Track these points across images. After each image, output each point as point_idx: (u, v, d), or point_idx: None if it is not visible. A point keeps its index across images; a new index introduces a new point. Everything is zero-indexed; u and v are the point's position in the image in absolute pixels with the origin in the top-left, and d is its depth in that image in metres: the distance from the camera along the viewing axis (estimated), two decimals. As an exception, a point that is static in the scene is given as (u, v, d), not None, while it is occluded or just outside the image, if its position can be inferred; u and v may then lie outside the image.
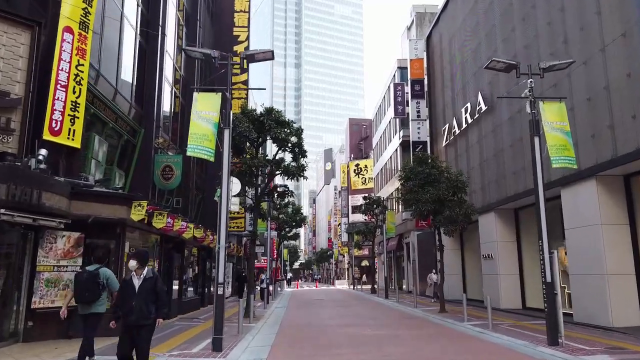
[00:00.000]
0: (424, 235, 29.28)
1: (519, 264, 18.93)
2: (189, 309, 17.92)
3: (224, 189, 9.64)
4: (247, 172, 16.44)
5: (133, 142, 15.52)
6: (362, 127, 74.19)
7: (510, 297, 18.63)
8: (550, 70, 10.84)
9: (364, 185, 67.98)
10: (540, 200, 10.13)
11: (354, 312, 19.00)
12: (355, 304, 24.45)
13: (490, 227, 19.52)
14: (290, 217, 35.63)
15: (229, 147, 9.96)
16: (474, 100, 21.48)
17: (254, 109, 17.29)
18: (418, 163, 18.36)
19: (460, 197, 17.96)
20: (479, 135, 21.13)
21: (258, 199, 17.13)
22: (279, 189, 17.86)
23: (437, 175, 17.77)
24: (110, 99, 13.32)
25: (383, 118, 43.88)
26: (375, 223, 35.39)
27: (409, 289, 34.41)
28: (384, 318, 16.46)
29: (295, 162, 16.97)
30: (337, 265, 77.53)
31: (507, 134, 18.29)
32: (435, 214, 17.61)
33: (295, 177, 16.77)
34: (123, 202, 11.12)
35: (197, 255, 20.48)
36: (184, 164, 19.50)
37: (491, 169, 19.83)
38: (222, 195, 9.59)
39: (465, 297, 14.78)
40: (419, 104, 28.96)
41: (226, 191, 9.64)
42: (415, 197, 17.59)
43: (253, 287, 16.57)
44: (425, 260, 29.32)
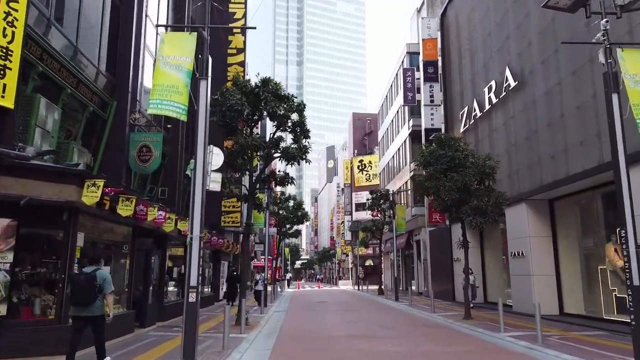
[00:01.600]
0: (438, 232, 26.71)
1: (555, 263, 16.35)
2: (172, 314, 15.38)
3: (199, 159, 7.12)
4: (240, 154, 13.92)
5: (103, 117, 13.01)
6: (366, 122, 71.66)
7: (545, 302, 15.99)
8: (631, 8, 8.25)
9: (368, 182, 65.42)
10: (622, 174, 7.56)
11: (364, 318, 16.45)
12: (362, 307, 21.89)
13: (520, 221, 16.93)
14: (291, 212, 33.05)
15: (206, 103, 7.42)
16: (499, 78, 18.90)
17: (248, 79, 14.74)
18: (439, 145, 15.78)
19: (489, 185, 15.41)
20: (506, 117, 18.55)
21: (253, 186, 14.60)
22: (278, 174, 15.27)
23: (462, 160, 15.20)
24: (67, 57, 10.79)
25: (390, 109, 41.31)
26: (383, 219, 32.84)
27: (420, 291, 31.86)
28: (400, 326, 13.91)
29: (296, 143, 14.44)
30: (339, 264, 74.94)
31: (543, 112, 15.71)
32: (459, 204, 15.04)
33: (297, 160, 14.23)
34: (72, 180, 8.59)
35: (185, 253, 17.94)
36: (169, 146, 17.00)
37: (522, 153, 17.25)
38: (197, 167, 7.07)
39: (501, 302, 12.21)
40: (432, 87, 26.40)
41: (202, 162, 7.11)
42: (437, 184, 15.01)
43: (246, 289, 14.01)
44: (439, 259, 26.76)
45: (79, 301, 6.87)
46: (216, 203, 25.09)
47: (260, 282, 18.09)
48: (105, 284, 7.04)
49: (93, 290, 6.87)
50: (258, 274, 19.46)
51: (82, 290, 6.84)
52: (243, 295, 13.66)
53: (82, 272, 7.14)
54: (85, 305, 6.85)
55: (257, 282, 18.42)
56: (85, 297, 6.83)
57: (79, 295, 6.85)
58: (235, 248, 27.68)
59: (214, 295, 23.56)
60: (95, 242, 10.66)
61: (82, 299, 6.84)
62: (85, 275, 6.98)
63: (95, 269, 7.13)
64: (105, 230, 11.07)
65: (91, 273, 7.00)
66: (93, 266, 7.22)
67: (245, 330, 12.29)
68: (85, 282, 6.88)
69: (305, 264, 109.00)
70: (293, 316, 17.55)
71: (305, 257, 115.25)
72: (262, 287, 18.02)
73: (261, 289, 17.96)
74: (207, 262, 23.46)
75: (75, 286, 6.94)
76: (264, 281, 17.97)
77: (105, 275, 7.12)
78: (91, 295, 6.85)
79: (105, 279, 7.08)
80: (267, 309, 20.20)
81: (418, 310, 18.95)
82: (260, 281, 18.09)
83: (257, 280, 18.45)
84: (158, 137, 13.77)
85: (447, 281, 25.04)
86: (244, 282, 13.89)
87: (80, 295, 6.84)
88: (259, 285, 18.20)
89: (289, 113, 14.27)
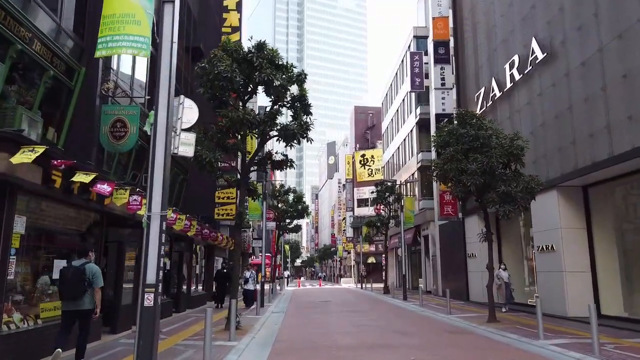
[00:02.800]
0: (449, 226, 24.72)
1: (590, 258, 14.38)
2: (154, 317, 13.39)
3: (160, 109, 5.15)
4: (232, 131, 11.94)
5: (69, 85, 11.04)
6: (369, 115, 69.69)
7: (580, 302, 14.06)
8: None
9: (370, 177, 63.53)
10: None
11: (373, 321, 14.49)
12: (369, 308, 19.92)
13: (550, 210, 14.96)
14: (290, 206, 31.10)
15: (172, 33, 5.44)
16: (523, 52, 16.91)
17: (240, 43, 12.74)
18: (460, 123, 13.79)
19: (516, 169, 13.43)
20: (531, 95, 16.55)
21: (246, 168, 12.62)
22: (275, 156, 13.25)
23: (487, 139, 13.22)
24: (15, 4, 8.81)
25: (395, 98, 39.31)
26: (389, 213, 30.86)
27: (427, 289, 29.90)
28: (418, 332, 11.93)
29: (295, 120, 12.47)
30: (341, 262, 73.00)
31: (579, 85, 13.71)
32: (484, 190, 13.07)
33: (297, 138, 12.25)
34: (3, 146, 6.60)
35: (170, 247, 15.99)
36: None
37: (551, 135, 15.26)
38: (157, 121, 5.11)
39: (539, 303, 10.22)
40: (443, 70, 24.40)
41: (165, 114, 5.14)
42: (458, 167, 13.01)
43: (237, 288, 12.03)
44: (450, 255, 24.79)
45: (67, 295, 6.78)
46: (209, 194, 23.14)
47: (251, 281, 15.97)
48: (95, 279, 6.95)
49: (81, 284, 6.76)
50: (248, 270, 17.45)
51: (70, 284, 6.75)
52: (234, 295, 11.71)
53: (70, 266, 6.98)
54: (74, 299, 6.74)
55: (247, 281, 16.24)
56: (73, 291, 6.73)
57: (67, 289, 6.77)
58: (230, 243, 25.73)
59: (207, 294, 21.60)
60: (50, 231, 8.70)
61: (70, 293, 6.74)
62: (74, 269, 6.86)
63: (84, 262, 7.03)
64: (62, 217, 9.09)
65: (80, 267, 6.89)
66: (82, 259, 7.11)
67: (235, 336, 10.34)
68: (74, 276, 6.77)
69: (305, 262, 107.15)
70: (293, 318, 15.59)
71: (306, 254, 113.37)
72: (252, 286, 15.90)
73: (252, 288, 15.82)
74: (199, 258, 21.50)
75: (63, 280, 6.84)
76: (255, 279, 15.85)
77: (94, 270, 7.02)
78: (79, 289, 6.74)
79: (95, 273, 6.98)
80: (264, 309, 18.26)
81: (432, 312, 16.99)
82: (251, 279, 15.97)
83: (247, 279, 16.27)
84: (135, 109, 11.78)
85: (460, 279, 23.09)
86: (235, 281, 11.92)
87: (68, 289, 6.76)
88: (249, 284, 16.06)
89: (288, 84, 12.28)
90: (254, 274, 16.21)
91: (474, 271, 21.54)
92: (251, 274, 16.17)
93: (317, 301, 24.00)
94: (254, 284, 16.00)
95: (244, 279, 16.42)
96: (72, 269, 6.89)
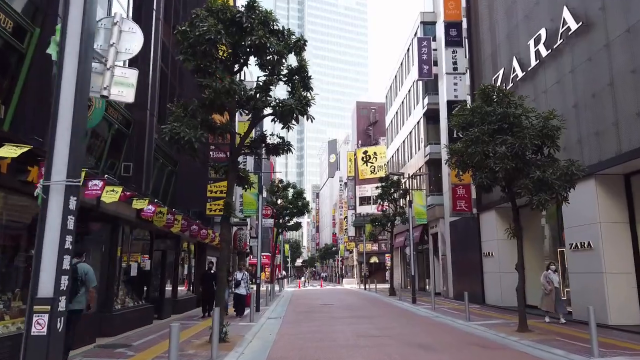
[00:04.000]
0: (462, 223, 22.78)
1: (634, 258, 12.45)
2: (127, 326, 11.47)
3: (70, 24, 3.21)
4: (216, 105, 10.01)
5: (19, 49, 9.15)
6: (371, 111, 67.82)
7: (623, 308, 12.16)
8: None
9: (372, 174, 61.69)
10: None
11: (384, 330, 12.55)
12: (377, 312, 17.98)
13: (587, 202, 13.00)
14: (290, 202, 29.16)
15: None
16: (551, 25, 14.98)
17: (227, 2, 10.80)
18: (485, 100, 11.84)
19: (549, 153, 11.50)
20: (561, 73, 14.61)
21: (236, 150, 10.70)
22: (270, 138, 11.31)
23: (517, 118, 11.29)
24: None
25: (400, 89, 37.37)
26: (395, 210, 28.91)
27: (436, 291, 27.94)
28: (440, 345, 9.98)
29: (293, 93, 10.54)
30: (342, 262, 71.06)
31: (623, 57, 11.77)
32: (514, 177, 11.13)
33: (295, 115, 10.31)
34: None
35: (151, 245, 14.07)
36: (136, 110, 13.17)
37: (586, 117, 13.31)
38: (66, 38, 3.17)
39: (592, 312, 8.27)
40: (456, 53, 22.47)
41: (79, 28, 3.20)
42: (484, 150, 11.06)
43: (224, 293, 10.06)
44: (462, 254, 22.86)
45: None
46: (201, 187, 21.20)
47: (243, 284, 13.99)
48: (88, 278, 6.98)
49: (73, 283, 6.66)
50: (239, 271, 15.10)
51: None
52: (218, 301, 9.78)
53: None
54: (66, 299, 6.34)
55: (238, 284, 14.21)
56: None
57: None
58: (224, 242, 23.80)
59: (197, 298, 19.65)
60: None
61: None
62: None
63: (76, 262, 6.98)
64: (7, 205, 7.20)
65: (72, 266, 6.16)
66: (75, 259, 6.72)
67: (218, 352, 8.42)
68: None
69: (306, 262, 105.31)
70: (290, 326, 13.66)
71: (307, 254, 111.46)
72: (245, 290, 13.86)
73: (244, 292, 13.79)
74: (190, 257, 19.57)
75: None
76: (248, 282, 13.84)
77: (87, 269, 7.05)
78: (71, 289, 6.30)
79: (88, 273, 7.01)
80: (259, 315, 16.34)
81: (447, 317, 15.07)
82: (244, 282, 13.97)
83: (238, 281, 14.22)
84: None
85: (474, 281, 21.16)
86: (222, 283, 9.98)
87: None
88: (241, 287, 14.06)
89: (284, 51, 10.34)
90: (247, 275, 14.13)
91: (491, 272, 19.62)
92: (244, 276, 14.08)
93: (318, 304, 22.07)
94: (246, 287, 13.93)
95: (235, 281, 14.43)
96: None
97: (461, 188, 21.26)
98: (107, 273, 10.74)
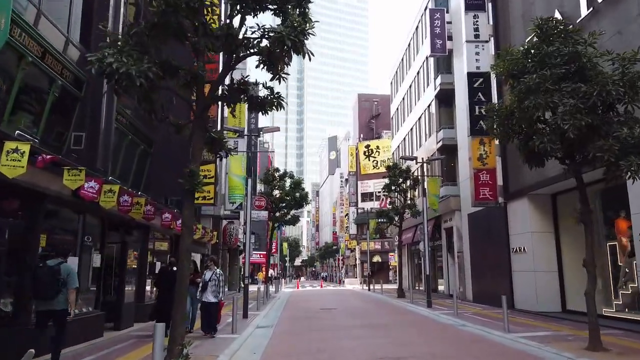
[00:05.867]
0: (483, 215, 19.76)
1: None
2: (76, 337, 8.38)
3: None
4: (172, 25, 6.95)
5: None
6: (374, 103, 64.80)
7: None
8: None
9: (375, 169, 58.71)
10: None
11: (404, 347, 9.54)
12: (389, 320, 14.98)
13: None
14: (287, 193, 26.14)
15: None
16: (609, -39, 11.97)
17: None
18: (544, 40, 8.79)
19: (627, 109, 8.46)
20: (623, 21, 11.59)
21: (202, 102, 7.66)
22: (253, 89, 8.23)
23: (590, 61, 8.26)
24: None
25: (407, 73, 34.39)
26: (404, 203, 25.92)
27: (450, 292, 24.98)
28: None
29: (282, 18, 7.52)
30: (343, 261, 68.06)
31: None
32: (587, 138, 8.10)
33: (287, 50, 7.27)
34: None
35: (102, 235, 11.05)
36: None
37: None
38: None
39: None
40: (477, 18, 19.48)
41: None
42: (549, 101, 8.01)
43: (183, 299, 6.97)
44: (484, 251, 19.87)
45: (40, 295, 6.65)
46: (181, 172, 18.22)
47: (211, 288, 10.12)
48: (70, 279, 6.81)
49: (55, 283, 6.61)
50: (208, 269, 10.48)
51: (43, 283, 6.57)
52: (178, 310, 6.78)
53: (45, 265, 6.79)
54: (47, 299, 6.60)
55: (205, 286, 10.04)
56: (47, 290, 6.58)
57: (40, 289, 6.61)
58: (211, 237, 20.81)
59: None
60: None
61: (43, 292, 6.60)
62: (48, 268, 6.70)
63: (59, 262, 6.90)
64: None
65: (54, 266, 6.75)
66: (58, 259, 6.96)
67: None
68: (48, 276, 6.61)
69: (306, 261, 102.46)
70: (283, 342, 10.64)
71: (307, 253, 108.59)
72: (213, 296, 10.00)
73: (213, 299, 10.05)
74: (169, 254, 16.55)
75: (36, 279, 6.66)
76: (218, 285, 10.12)
77: (70, 269, 6.92)
78: (53, 289, 6.60)
79: (70, 273, 6.85)
80: (247, 323, 13.36)
81: (478, 327, 12.08)
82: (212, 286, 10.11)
83: (206, 282, 10.08)
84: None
85: (499, 281, 18.18)
86: (181, 284, 6.96)
87: (41, 289, 6.60)
88: (208, 293, 9.95)
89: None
90: (219, 275, 10.44)
91: (522, 270, 16.62)
92: (214, 277, 10.14)
93: (318, 308, 19.04)
94: (215, 292, 10.12)
95: (202, 282, 10.26)
96: (47, 268, 6.72)
97: (484, 173, 18.27)
98: (18, 270, 7.73)
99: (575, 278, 15.24)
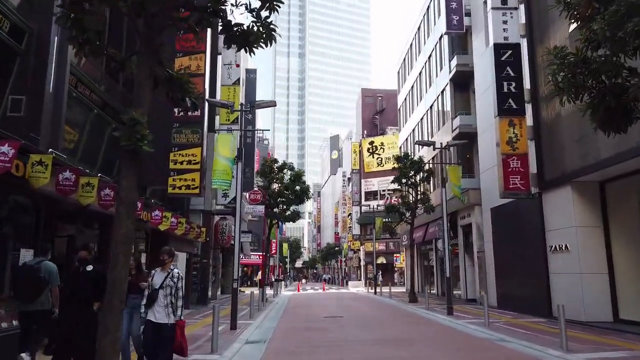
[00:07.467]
0: (510, 209, 17.16)
1: None
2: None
3: None
4: None
5: None
6: (378, 98, 62.24)
7: None
8: None
9: (379, 166, 56.26)
10: None
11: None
12: (411, 333, 12.38)
13: None
14: (287, 186, 23.57)
15: None
16: None
17: None
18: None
19: None
20: None
21: (149, 20, 5.11)
22: (231, 8, 5.66)
23: None
24: None
25: (417, 58, 31.86)
26: (416, 197, 23.37)
27: (468, 297, 22.39)
28: None
29: None
30: (346, 263, 65.44)
31: None
32: None
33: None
34: None
35: (54, 226, 8.52)
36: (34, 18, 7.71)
37: None
38: None
39: None
40: (504, -19, 16.91)
41: None
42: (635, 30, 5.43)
43: (118, 314, 4.43)
44: (511, 250, 17.28)
45: (22, 295, 6.32)
46: (161, 157, 15.68)
47: (164, 299, 5.68)
48: (51, 278, 6.41)
49: (37, 283, 6.26)
50: (162, 269, 5.98)
51: (24, 283, 6.24)
52: (106, 337, 4.22)
53: (25, 264, 6.58)
54: (29, 299, 6.26)
55: (153, 297, 5.73)
56: (28, 290, 6.23)
57: (22, 289, 6.30)
58: (199, 233, 18.25)
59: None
60: None
61: (25, 292, 6.26)
62: (28, 268, 6.41)
63: (39, 260, 6.54)
64: None
65: (35, 265, 6.43)
66: (38, 258, 6.68)
67: None
68: (29, 275, 6.26)
69: (307, 263, 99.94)
70: None
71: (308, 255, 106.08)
72: (167, 314, 5.00)
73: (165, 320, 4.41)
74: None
75: (17, 279, 6.47)
76: (175, 293, 5.84)
77: (50, 268, 6.50)
78: (35, 289, 6.25)
79: (51, 272, 6.45)
80: (235, 336, 10.80)
81: (523, 343, 9.52)
82: (162, 296, 5.14)
83: (154, 291, 5.75)
84: None
85: (532, 284, 15.61)
86: (116, 292, 4.41)
87: (23, 289, 6.27)
88: (157, 307, 5.68)
89: None
90: (176, 279, 5.89)
91: (563, 273, 14.03)
92: (169, 281, 5.87)
93: (321, 317, 16.43)
94: (168, 309, 5.80)
95: (151, 289, 5.88)
96: (27, 267, 6.43)
97: (515, 159, 15.68)
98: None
99: (631, 281, 12.69)
